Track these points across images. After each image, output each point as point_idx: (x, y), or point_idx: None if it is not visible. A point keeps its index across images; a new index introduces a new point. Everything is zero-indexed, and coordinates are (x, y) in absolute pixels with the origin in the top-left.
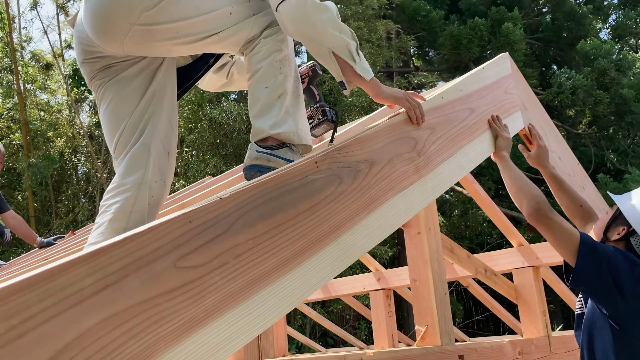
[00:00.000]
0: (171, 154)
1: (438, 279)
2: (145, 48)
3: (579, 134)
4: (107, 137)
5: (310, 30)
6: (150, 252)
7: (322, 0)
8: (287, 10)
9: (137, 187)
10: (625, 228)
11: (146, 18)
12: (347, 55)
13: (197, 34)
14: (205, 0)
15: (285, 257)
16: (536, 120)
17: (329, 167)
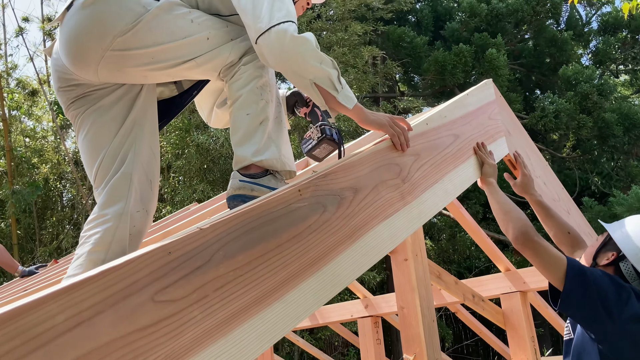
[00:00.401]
0: (154, 182)
1: (426, 306)
2: (120, 74)
3: (563, 157)
4: (87, 167)
5: (290, 64)
6: (126, 286)
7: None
8: (266, 44)
9: (117, 217)
10: (614, 253)
11: (119, 43)
12: (329, 85)
13: (173, 59)
14: (181, 25)
15: (268, 289)
16: (520, 145)
17: (313, 195)
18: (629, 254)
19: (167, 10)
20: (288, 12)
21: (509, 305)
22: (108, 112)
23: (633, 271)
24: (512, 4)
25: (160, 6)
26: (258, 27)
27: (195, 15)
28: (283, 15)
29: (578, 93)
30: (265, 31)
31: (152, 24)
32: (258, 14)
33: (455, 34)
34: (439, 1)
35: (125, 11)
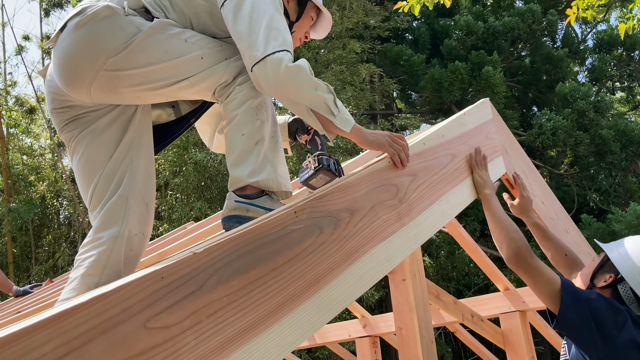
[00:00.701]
0: (150, 204)
1: (424, 327)
2: (114, 95)
3: (561, 174)
4: (82, 190)
5: (285, 92)
6: (118, 312)
7: (298, 50)
8: (262, 73)
9: (112, 240)
10: (612, 275)
11: (112, 64)
12: (325, 110)
13: (166, 79)
14: (175, 44)
15: (263, 314)
16: (518, 164)
17: (309, 217)
18: (627, 276)
19: (161, 30)
20: (284, 40)
21: (509, 325)
22: (102, 134)
23: (631, 294)
24: (508, 22)
25: (154, 26)
26: (253, 55)
27: (189, 34)
28: (278, 44)
29: (575, 110)
30: (261, 60)
31: (145, 43)
32: (253, 42)
33: (452, 51)
34: (436, 19)
35: (118, 31)
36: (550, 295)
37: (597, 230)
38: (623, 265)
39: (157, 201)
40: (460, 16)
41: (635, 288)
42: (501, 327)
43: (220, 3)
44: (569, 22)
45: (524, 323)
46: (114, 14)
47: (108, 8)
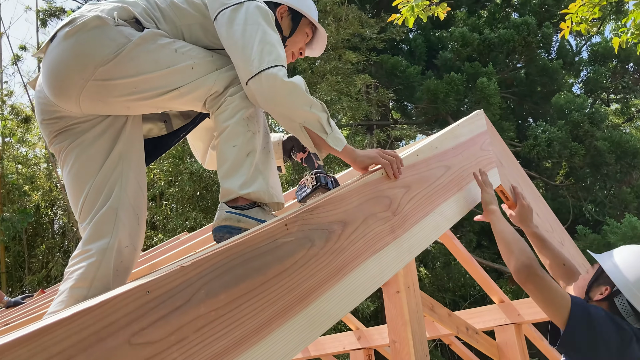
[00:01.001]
0: (141, 216)
1: (418, 340)
2: (103, 105)
3: (557, 185)
4: (72, 202)
5: (280, 108)
6: (101, 328)
7: (290, 76)
8: (257, 88)
9: (101, 253)
10: (608, 288)
11: (101, 73)
12: (318, 128)
13: (156, 89)
14: (165, 54)
15: (251, 329)
16: (513, 176)
17: (300, 229)
18: (623, 288)
19: (151, 40)
20: (278, 55)
21: (504, 337)
22: (92, 145)
23: (628, 306)
24: (504, 34)
25: (144, 36)
26: (248, 70)
27: (180, 44)
28: (273, 59)
29: (570, 122)
30: (256, 75)
31: (134, 53)
32: (248, 57)
33: (448, 63)
34: (432, 31)
35: (108, 41)
36: (560, 313)
37: (592, 242)
38: (618, 277)
39: (152, 211)
40: (455, 28)
41: (631, 300)
42: (496, 339)
43: (213, 16)
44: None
45: (519, 336)
46: (103, 24)
47: (98, 18)
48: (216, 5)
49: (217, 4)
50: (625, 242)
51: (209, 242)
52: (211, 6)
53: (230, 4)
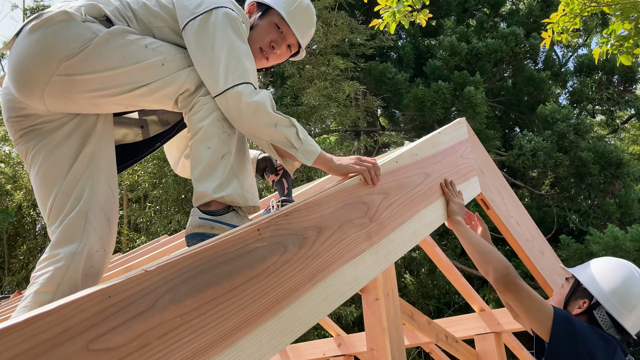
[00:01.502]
0: (112, 220)
1: (396, 347)
2: (68, 102)
3: (542, 194)
4: (40, 205)
5: (246, 128)
6: (57, 333)
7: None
8: (223, 107)
9: (69, 257)
10: (586, 301)
11: (66, 68)
12: (286, 145)
13: (124, 85)
14: (133, 50)
15: (218, 336)
16: (493, 184)
17: (273, 235)
18: (602, 299)
19: (119, 35)
20: (243, 71)
21: (483, 346)
22: (60, 146)
23: (608, 318)
24: (491, 44)
25: (111, 31)
26: (214, 88)
27: (150, 40)
28: (238, 77)
29: (555, 132)
30: (222, 93)
31: (101, 48)
32: (215, 73)
33: (436, 71)
34: (421, 39)
35: (73, 36)
36: (543, 323)
37: (575, 251)
38: (596, 289)
39: (135, 213)
40: (444, 37)
41: (611, 312)
42: (476, 348)
43: (182, 25)
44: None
45: (499, 345)
46: (69, 19)
47: (64, 13)
48: (185, 14)
49: (186, 13)
50: (607, 252)
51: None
52: (180, 14)
53: (199, 13)
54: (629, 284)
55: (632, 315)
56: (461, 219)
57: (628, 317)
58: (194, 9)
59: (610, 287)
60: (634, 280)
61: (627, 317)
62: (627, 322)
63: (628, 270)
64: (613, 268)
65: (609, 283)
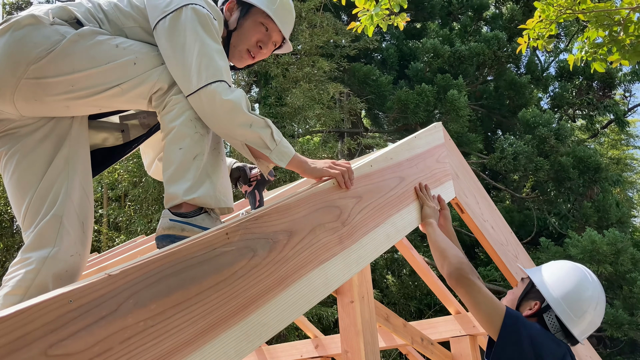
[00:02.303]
0: (86, 224)
1: (370, 350)
2: (39, 105)
3: (523, 198)
4: (15, 210)
5: (220, 127)
6: (14, 339)
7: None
8: (196, 106)
9: (41, 261)
10: (537, 303)
11: (34, 71)
12: (261, 145)
13: (95, 86)
14: (104, 50)
15: (183, 340)
16: (468, 189)
17: (242, 239)
18: (553, 303)
19: (88, 36)
20: (216, 69)
21: (459, 349)
22: (33, 151)
23: (557, 322)
24: (474, 48)
25: (80, 33)
26: (186, 87)
27: (121, 40)
28: (211, 75)
29: (536, 136)
30: (195, 92)
31: (69, 50)
32: (187, 72)
33: (419, 73)
34: (405, 41)
35: (41, 39)
36: (492, 321)
37: (554, 254)
38: (548, 292)
39: (115, 212)
40: (427, 39)
41: (560, 316)
42: (451, 350)
43: (153, 25)
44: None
45: (474, 347)
46: (37, 23)
47: (31, 17)
48: (156, 13)
49: (156, 12)
50: (585, 255)
51: None
52: (151, 14)
53: (168, 11)
54: (581, 289)
55: (581, 321)
56: (434, 222)
57: (577, 323)
58: (164, 7)
59: (561, 291)
60: (586, 285)
61: (576, 322)
62: (576, 328)
63: (581, 275)
64: (567, 272)
65: (561, 287)
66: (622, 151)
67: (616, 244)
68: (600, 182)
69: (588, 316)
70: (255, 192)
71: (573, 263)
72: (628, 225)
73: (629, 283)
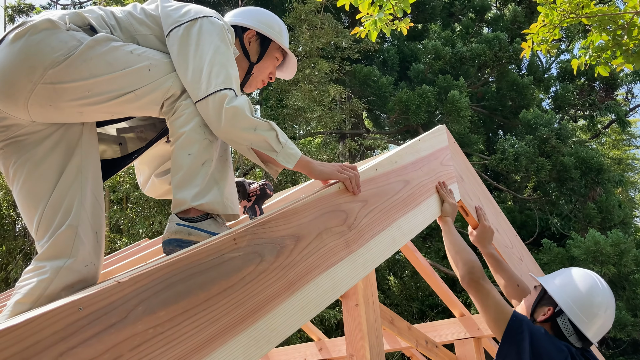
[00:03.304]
0: (99, 233)
1: (376, 354)
2: (53, 111)
3: (525, 198)
4: (26, 220)
5: (225, 133)
6: (26, 347)
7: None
8: (204, 112)
9: (55, 271)
10: (550, 308)
11: (51, 76)
12: (267, 148)
13: (110, 92)
14: (119, 56)
15: (192, 347)
16: (473, 191)
17: (249, 244)
18: (566, 308)
19: (104, 42)
20: (227, 77)
21: (463, 351)
22: (44, 161)
23: (570, 326)
24: (475, 49)
25: (96, 38)
26: (196, 94)
27: (134, 47)
28: (220, 82)
29: (537, 137)
30: (203, 99)
31: (87, 55)
32: (197, 79)
33: (420, 75)
34: (406, 43)
35: (58, 43)
36: (498, 323)
37: (557, 255)
38: (560, 298)
39: (117, 215)
40: (429, 40)
41: (573, 319)
42: (456, 353)
43: (166, 33)
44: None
45: (479, 350)
46: (54, 27)
47: (48, 21)
48: (169, 21)
49: (170, 20)
50: (589, 256)
51: None
52: (165, 22)
53: (184, 21)
54: (592, 294)
55: (593, 323)
56: (450, 220)
57: (589, 326)
58: (179, 17)
59: (573, 296)
60: (597, 291)
61: (588, 325)
62: (589, 330)
63: (592, 281)
64: (578, 278)
65: (573, 292)
66: (623, 151)
67: (619, 245)
68: (603, 182)
69: (599, 320)
70: (255, 207)
71: (584, 270)
72: (631, 226)
73: (632, 284)
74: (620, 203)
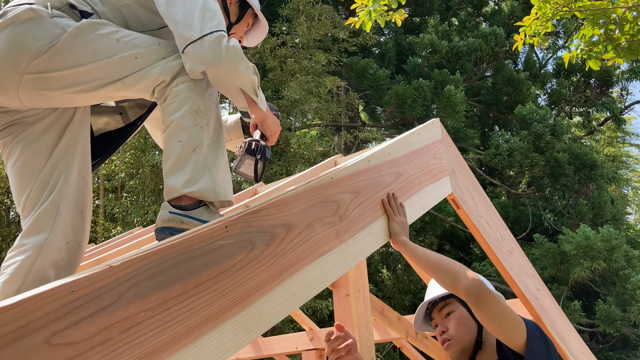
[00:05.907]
0: (85, 212)
1: (365, 343)
2: (43, 98)
3: (519, 194)
4: (16, 198)
5: (223, 71)
6: (17, 327)
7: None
8: (198, 52)
9: (37, 248)
10: None
11: (36, 66)
12: (252, 91)
13: (97, 80)
14: (105, 44)
15: (182, 331)
16: (465, 185)
17: (241, 232)
18: None
19: (89, 30)
20: (219, 22)
21: None
22: (38, 139)
23: None
24: (472, 44)
25: (80, 26)
26: (189, 35)
27: (122, 34)
28: (215, 25)
29: (532, 132)
30: (198, 39)
31: (71, 44)
32: (189, 23)
33: (417, 68)
34: (403, 36)
35: (41, 33)
36: (516, 334)
37: (548, 250)
38: None
39: (112, 203)
40: (425, 34)
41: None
42: None
43: None
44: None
45: None
46: (36, 17)
47: (30, 10)
48: None
49: None
50: (579, 250)
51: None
52: None
53: None
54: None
55: None
56: (406, 239)
57: None
58: None
59: None
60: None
61: None
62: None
63: None
64: None
65: None
66: (617, 148)
67: (610, 240)
68: (596, 179)
69: None
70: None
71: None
72: (622, 222)
73: (622, 279)
74: (612, 199)
